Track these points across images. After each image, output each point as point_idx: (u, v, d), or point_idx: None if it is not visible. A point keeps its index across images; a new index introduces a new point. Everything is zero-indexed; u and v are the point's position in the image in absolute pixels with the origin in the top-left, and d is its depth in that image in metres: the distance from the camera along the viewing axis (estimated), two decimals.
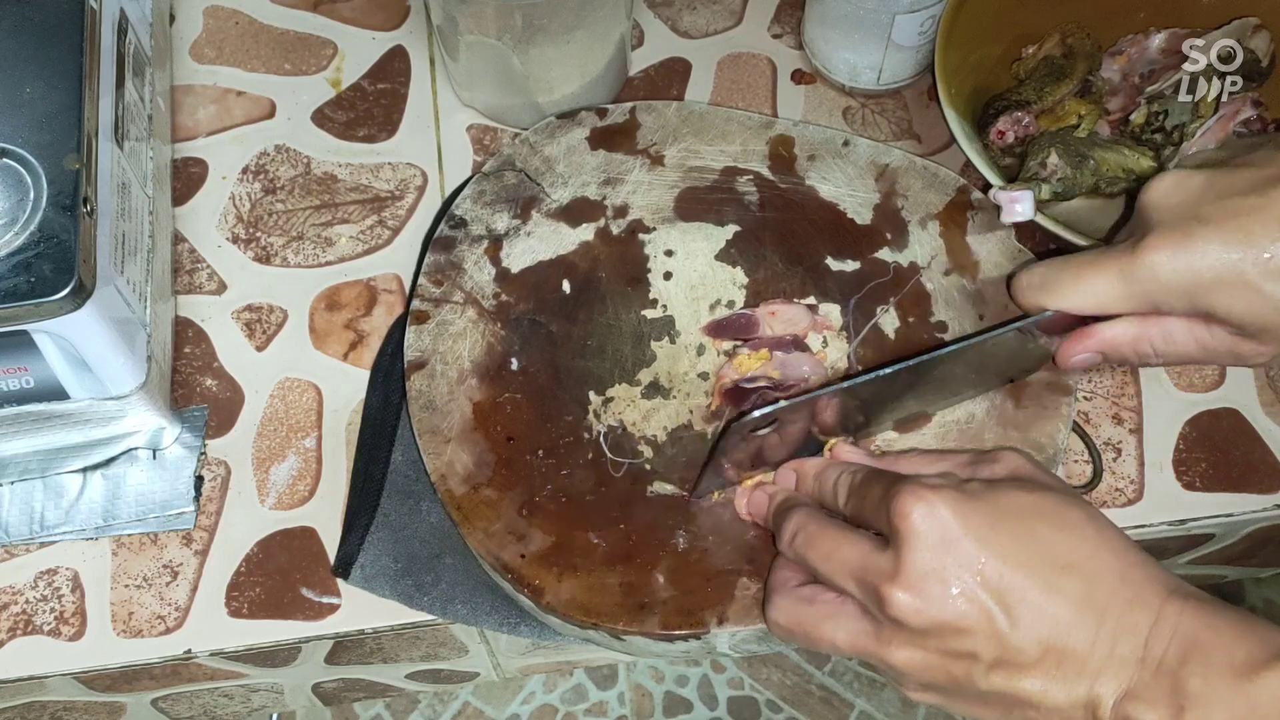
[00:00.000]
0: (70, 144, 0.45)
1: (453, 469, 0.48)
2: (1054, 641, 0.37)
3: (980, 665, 0.38)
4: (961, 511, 0.38)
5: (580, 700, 1.22)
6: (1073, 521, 0.39)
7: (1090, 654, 0.37)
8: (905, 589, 0.38)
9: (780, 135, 0.56)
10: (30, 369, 0.45)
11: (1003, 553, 0.38)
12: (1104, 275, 0.43)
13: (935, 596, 0.37)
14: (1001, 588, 0.37)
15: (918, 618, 0.38)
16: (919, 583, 0.37)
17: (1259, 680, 0.35)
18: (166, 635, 0.49)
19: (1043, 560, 0.38)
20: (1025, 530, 0.38)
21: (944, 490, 0.39)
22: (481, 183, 0.55)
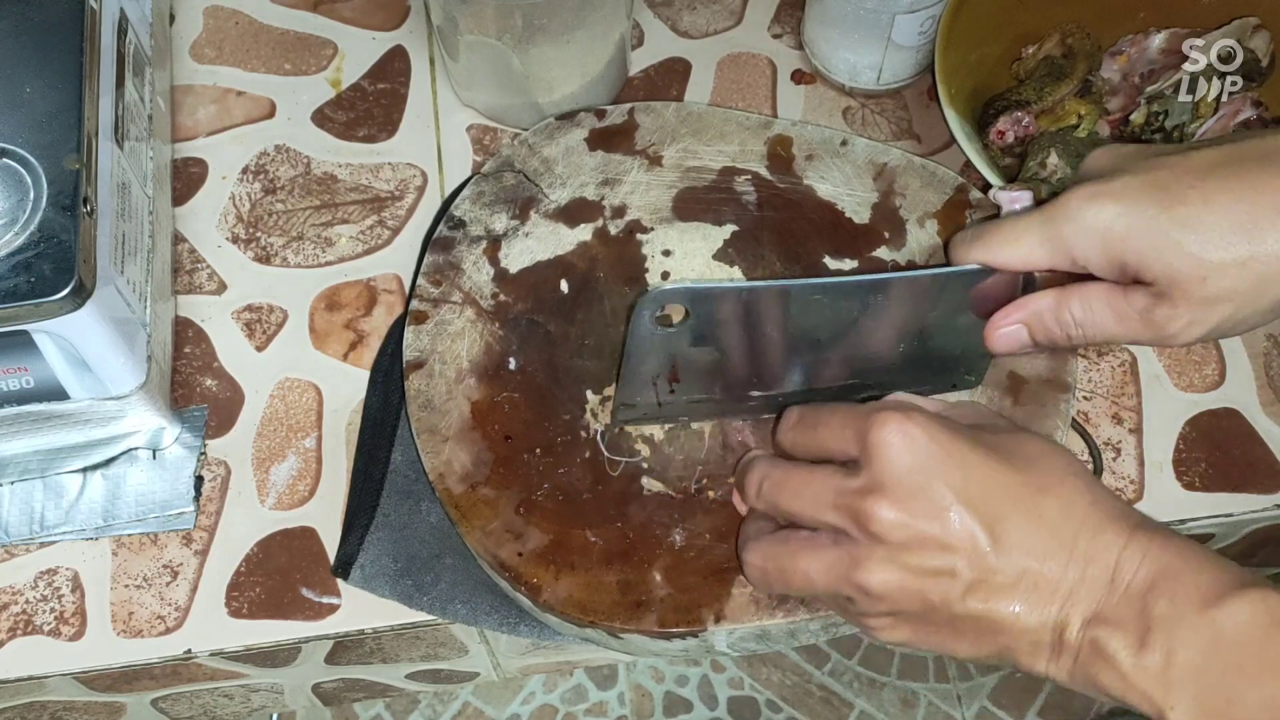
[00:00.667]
0: (70, 144, 0.45)
1: (451, 468, 0.49)
2: (1030, 564, 0.38)
3: (958, 585, 0.38)
4: (942, 433, 0.39)
5: (580, 700, 1.22)
6: (1043, 450, 0.40)
7: (1063, 576, 0.37)
8: (889, 501, 0.38)
9: (778, 135, 0.56)
10: (30, 369, 0.46)
11: (984, 474, 0.38)
12: (1026, 224, 0.44)
13: (920, 509, 0.38)
14: (985, 508, 0.38)
15: (901, 531, 0.38)
16: (903, 495, 0.38)
17: (1224, 606, 0.35)
18: (166, 635, 0.49)
19: (1021, 483, 0.38)
20: (1003, 454, 0.39)
21: (920, 413, 0.39)
22: (480, 183, 0.55)
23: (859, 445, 0.40)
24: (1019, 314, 0.45)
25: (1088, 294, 0.43)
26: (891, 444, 0.39)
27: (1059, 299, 0.44)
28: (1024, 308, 0.45)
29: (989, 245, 0.44)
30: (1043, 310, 0.44)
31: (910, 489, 0.38)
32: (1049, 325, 0.44)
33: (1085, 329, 0.44)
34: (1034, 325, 0.45)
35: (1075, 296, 0.43)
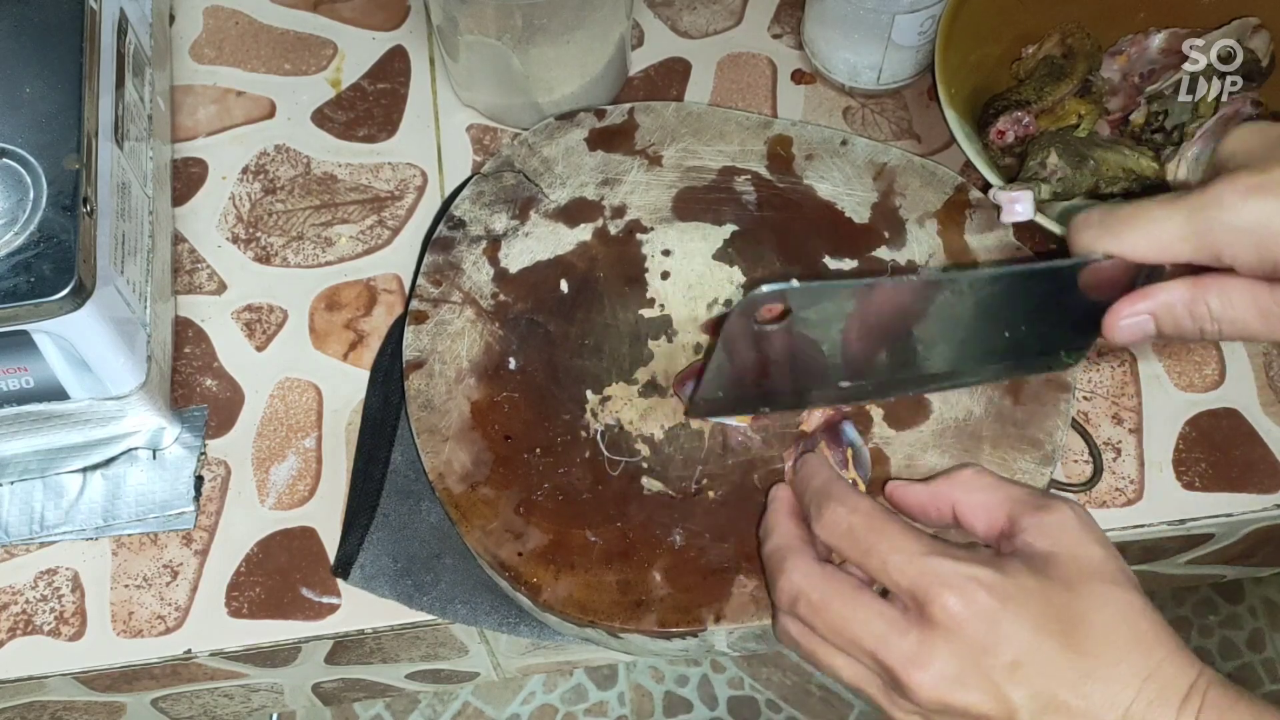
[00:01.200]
0: (70, 144, 0.45)
1: (450, 468, 0.49)
2: None
3: None
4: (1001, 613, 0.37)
5: (580, 700, 1.22)
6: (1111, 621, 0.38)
7: None
8: (932, 677, 0.37)
9: (778, 135, 0.56)
10: (30, 369, 0.46)
11: (1035, 652, 0.37)
12: (1166, 214, 0.38)
13: (962, 690, 0.37)
14: (1031, 691, 0.37)
15: (938, 705, 0.37)
16: (950, 674, 0.37)
17: None
18: (166, 635, 0.49)
19: (1072, 659, 0.37)
20: (1060, 633, 0.37)
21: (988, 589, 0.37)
22: (480, 183, 0.55)
23: (916, 604, 0.38)
24: (1147, 304, 0.40)
25: (1228, 287, 0.39)
26: (954, 620, 0.37)
27: (1195, 290, 0.39)
28: (1152, 297, 0.40)
29: (1120, 235, 0.39)
30: (1174, 302, 0.40)
31: (961, 667, 0.37)
32: (1180, 318, 0.40)
33: (1223, 325, 0.39)
34: (1163, 317, 0.40)
35: (1214, 289, 0.39)
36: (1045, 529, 0.40)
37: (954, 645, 0.37)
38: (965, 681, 0.37)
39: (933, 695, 0.37)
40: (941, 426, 0.50)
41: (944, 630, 0.37)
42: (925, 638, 0.37)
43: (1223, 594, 1.26)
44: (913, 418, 0.50)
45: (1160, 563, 0.60)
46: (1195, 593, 1.25)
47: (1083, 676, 0.37)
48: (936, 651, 0.37)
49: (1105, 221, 0.40)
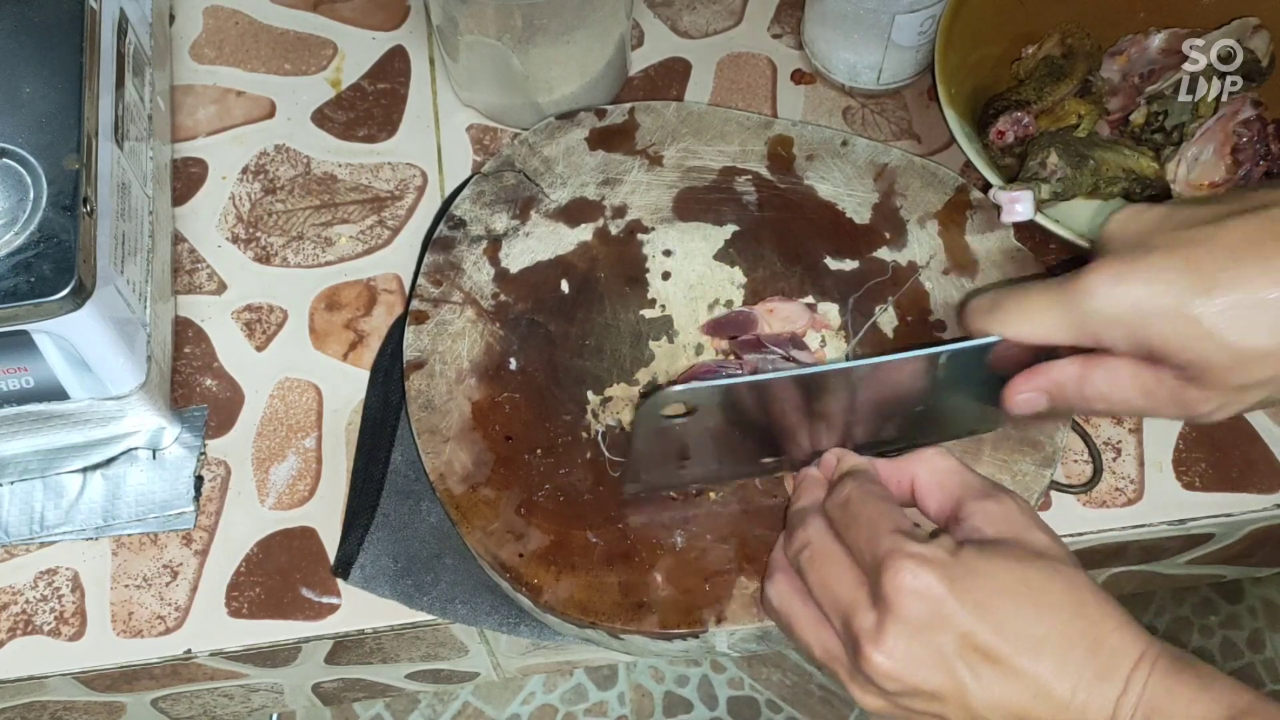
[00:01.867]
0: (70, 144, 0.45)
1: (451, 468, 0.48)
2: (1025, 711, 0.37)
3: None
4: (955, 587, 0.38)
5: (580, 700, 1.22)
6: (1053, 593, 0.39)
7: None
8: (884, 654, 0.38)
9: (779, 135, 0.56)
10: (30, 369, 0.45)
11: (988, 627, 0.38)
12: (1047, 302, 0.41)
13: (913, 667, 0.38)
14: (980, 661, 0.38)
15: (891, 682, 0.38)
16: (899, 653, 0.38)
17: None
18: (166, 635, 0.49)
19: (1023, 634, 0.38)
20: (1012, 605, 0.38)
21: (936, 566, 0.38)
22: (480, 183, 0.55)
23: (875, 578, 0.39)
24: (1039, 381, 0.43)
25: (1113, 368, 0.41)
26: (903, 597, 0.38)
27: (1082, 371, 0.41)
28: (1045, 375, 0.43)
29: (1006, 319, 0.42)
30: (1065, 381, 0.42)
31: (910, 646, 0.38)
32: (1069, 395, 0.42)
33: (1110, 403, 0.42)
34: (1055, 394, 0.43)
35: (1100, 369, 0.41)
36: (990, 516, 0.41)
37: (904, 625, 0.38)
38: (918, 661, 0.38)
39: (886, 674, 0.38)
40: None
41: (895, 609, 0.38)
42: (882, 618, 0.38)
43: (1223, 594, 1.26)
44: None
45: (1160, 563, 0.60)
46: (1195, 593, 1.25)
47: (1034, 644, 0.37)
48: (889, 631, 0.38)
49: (993, 308, 0.42)
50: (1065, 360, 0.42)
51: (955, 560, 0.39)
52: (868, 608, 0.39)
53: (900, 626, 0.38)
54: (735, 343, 0.51)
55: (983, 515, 0.41)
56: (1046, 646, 0.38)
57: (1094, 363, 0.41)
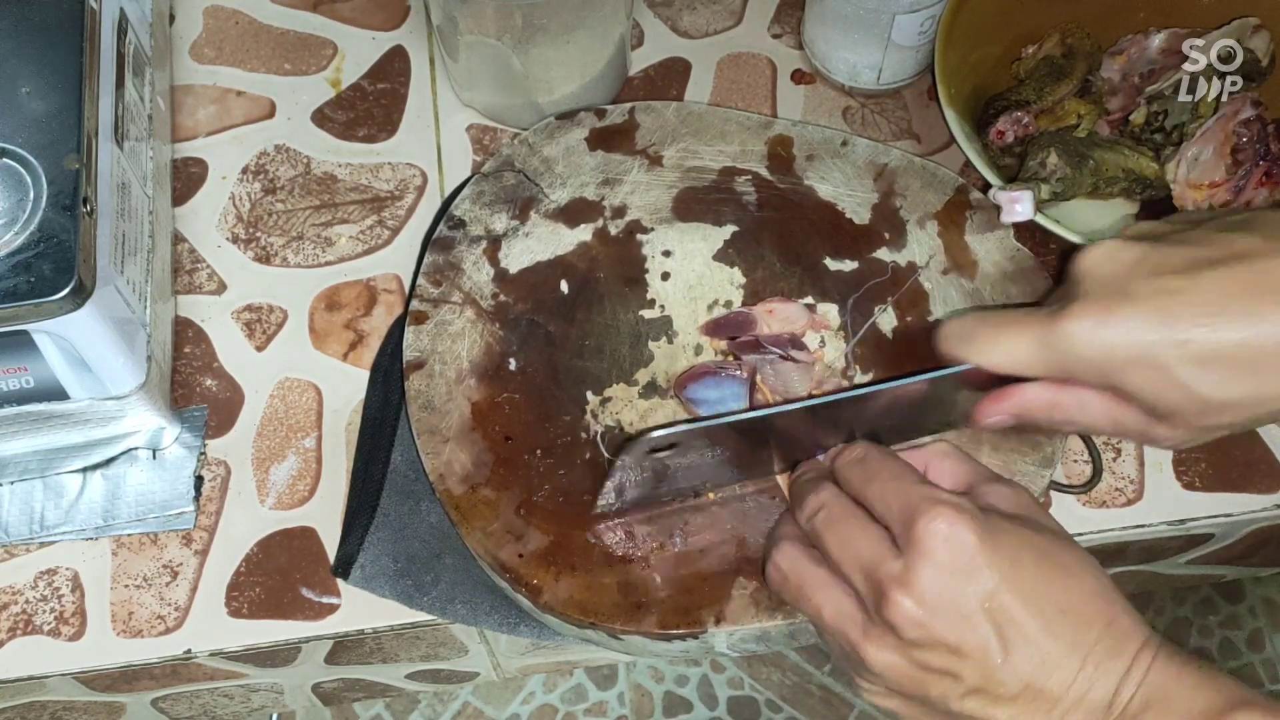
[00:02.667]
0: (70, 144, 0.45)
1: (451, 469, 0.48)
2: (1036, 679, 0.38)
3: (960, 687, 0.39)
4: (986, 542, 0.38)
5: (580, 700, 1.22)
6: (1074, 568, 0.40)
7: (1064, 695, 0.38)
8: (913, 598, 0.38)
9: (778, 135, 0.56)
10: (30, 369, 0.45)
11: (1016, 589, 0.38)
12: (1022, 337, 0.42)
13: (939, 615, 0.38)
14: (1006, 621, 0.38)
15: (916, 630, 0.38)
16: (930, 598, 0.38)
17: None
18: (166, 635, 0.49)
19: (1047, 601, 0.38)
20: (1038, 571, 0.39)
21: (970, 516, 0.39)
22: (480, 183, 0.55)
23: (904, 527, 0.39)
24: (1009, 405, 0.44)
25: (1084, 398, 0.42)
26: (936, 542, 0.38)
27: (1053, 398, 0.43)
28: (1015, 399, 0.43)
29: (981, 350, 0.43)
30: (1034, 406, 0.43)
31: (940, 592, 0.38)
32: (1039, 419, 0.44)
33: (1079, 426, 0.43)
34: (1024, 417, 0.44)
35: (1070, 397, 0.42)
36: (1004, 496, 0.42)
37: (939, 569, 0.38)
38: (946, 609, 0.38)
39: (912, 619, 0.38)
40: None
41: (927, 553, 0.38)
42: (912, 561, 0.38)
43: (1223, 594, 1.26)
44: None
45: (1160, 563, 0.60)
46: (1195, 593, 1.25)
47: (1056, 612, 0.38)
48: (921, 575, 0.38)
49: (969, 337, 0.43)
50: (1036, 385, 0.43)
51: (986, 516, 0.39)
52: (895, 556, 0.39)
53: (932, 571, 0.38)
54: (734, 344, 0.51)
55: (996, 495, 0.42)
56: (1066, 619, 0.38)
57: (1065, 390, 0.42)
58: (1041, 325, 0.41)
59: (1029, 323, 0.42)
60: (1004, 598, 0.38)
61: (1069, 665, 0.38)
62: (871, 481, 0.42)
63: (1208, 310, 0.39)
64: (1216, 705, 0.37)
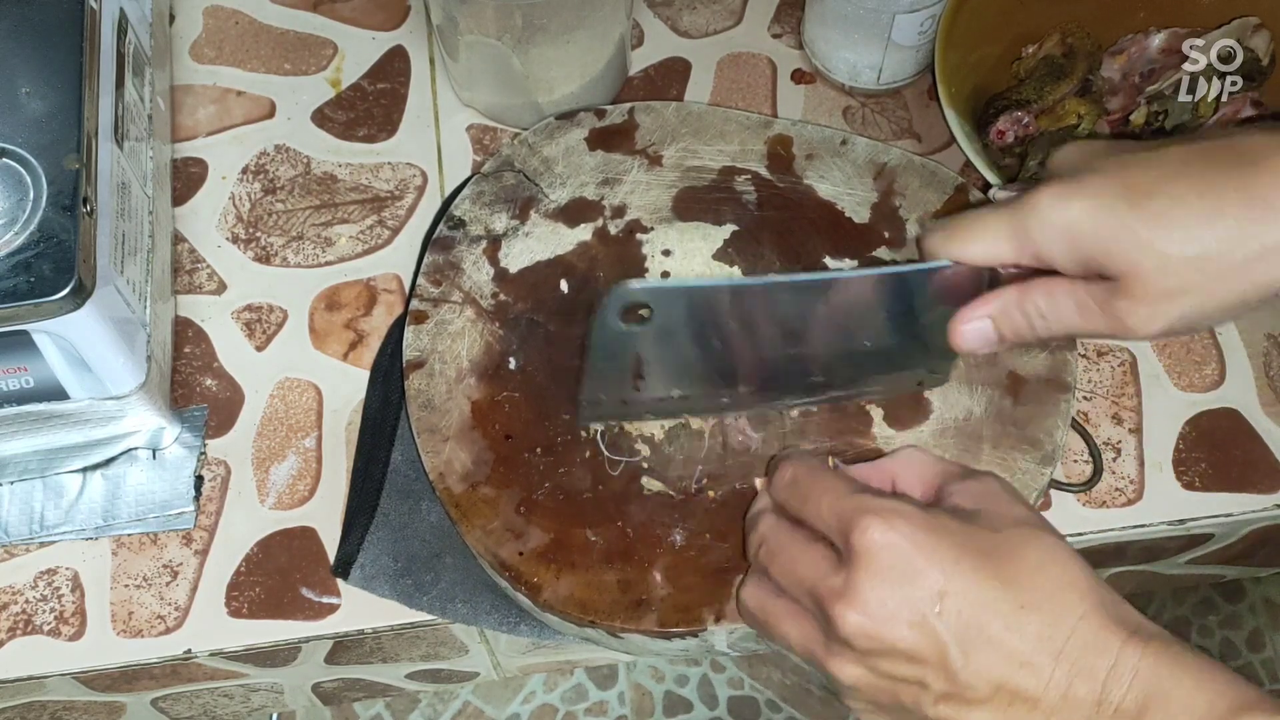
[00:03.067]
0: (70, 144, 0.45)
1: (451, 467, 0.49)
2: (1006, 680, 0.37)
3: (929, 694, 0.38)
4: (925, 542, 0.38)
5: (580, 700, 1.22)
6: (1038, 560, 0.38)
7: (1043, 695, 0.36)
8: (856, 610, 0.37)
9: (778, 135, 0.56)
10: (30, 369, 0.46)
11: (965, 587, 0.37)
12: (994, 219, 0.43)
13: (888, 622, 0.37)
14: (959, 623, 0.37)
15: (866, 641, 0.37)
16: (874, 607, 0.37)
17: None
18: (166, 635, 0.49)
19: (1003, 599, 0.37)
20: (989, 568, 0.38)
21: (905, 519, 0.38)
22: (480, 183, 0.55)
23: (842, 539, 0.39)
24: (985, 309, 0.44)
25: (1052, 286, 0.43)
26: (873, 550, 0.38)
27: (1023, 291, 0.43)
28: (989, 302, 0.44)
29: (956, 241, 0.44)
30: (1008, 304, 0.44)
31: (884, 600, 0.37)
32: (1014, 318, 0.44)
33: (1049, 320, 0.43)
34: (999, 319, 0.44)
35: (1039, 289, 0.43)
36: (970, 492, 0.42)
37: (878, 577, 0.37)
38: (892, 616, 0.37)
39: (860, 631, 0.37)
40: (941, 426, 0.50)
41: (867, 560, 0.38)
42: (852, 573, 0.38)
43: (1223, 594, 1.26)
44: (913, 418, 0.50)
45: (1160, 563, 0.60)
46: (1195, 593, 1.25)
47: (1015, 609, 0.37)
48: (861, 585, 0.37)
49: (945, 229, 0.44)
50: (1009, 286, 0.44)
51: (928, 515, 0.39)
52: (835, 571, 0.39)
53: (871, 579, 0.37)
54: None
55: (962, 493, 0.42)
56: (1028, 614, 0.37)
57: (1033, 283, 0.43)
58: (1013, 207, 0.42)
59: (1002, 209, 0.43)
60: (952, 598, 0.37)
61: (1041, 663, 0.36)
62: (806, 502, 0.41)
63: (1165, 174, 0.40)
64: (1222, 707, 0.35)
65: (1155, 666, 0.36)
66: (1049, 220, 0.41)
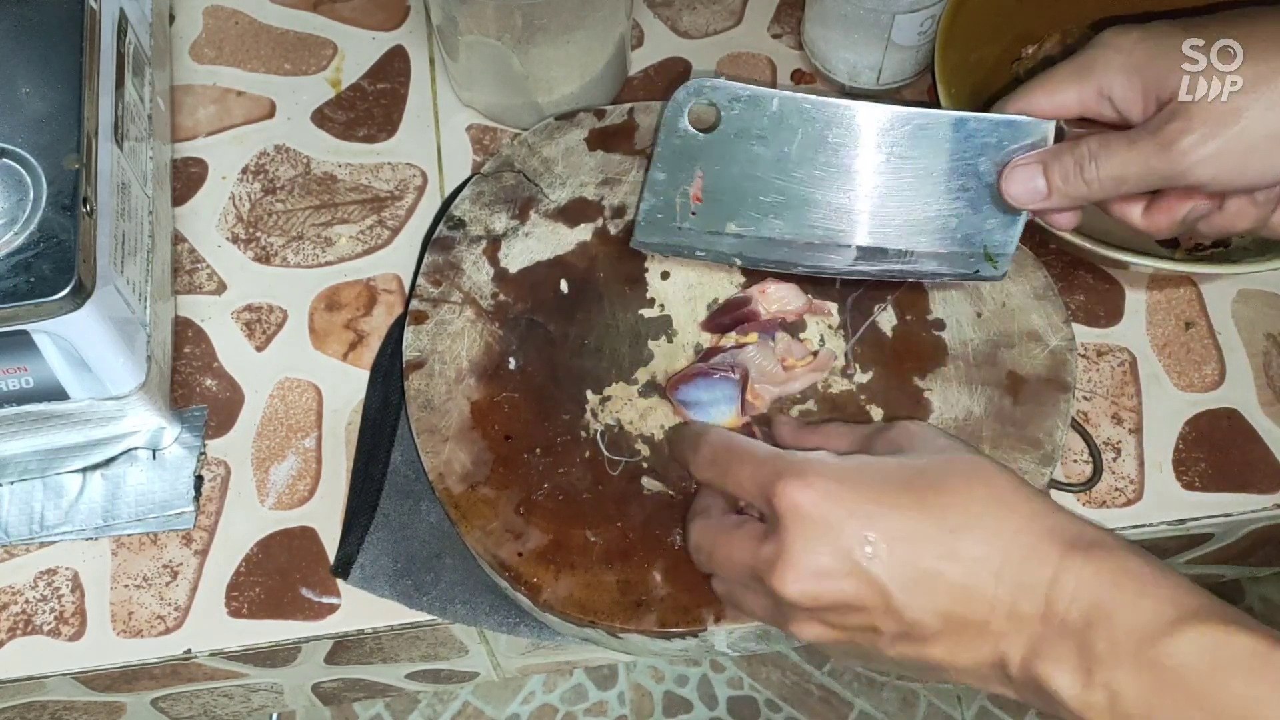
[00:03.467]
0: (70, 144, 0.45)
1: (450, 468, 0.49)
2: (952, 609, 0.36)
3: (883, 637, 0.38)
4: (844, 491, 0.38)
5: (580, 700, 1.22)
6: (964, 480, 0.38)
7: (990, 616, 0.36)
8: (792, 574, 0.37)
9: None
10: (30, 369, 0.46)
11: (888, 525, 0.37)
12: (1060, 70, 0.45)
13: (825, 578, 0.37)
14: (892, 562, 0.37)
15: (810, 600, 0.37)
16: (806, 565, 0.37)
17: (1163, 645, 0.34)
18: (166, 635, 0.49)
19: (932, 528, 0.37)
20: (912, 500, 0.37)
21: (825, 468, 0.38)
22: (480, 183, 0.55)
23: (766, 506, 0.39)
24: (1036, 154, 0.46)
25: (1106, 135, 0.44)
26: (793, 509, 0.37)
27: (1075, 139, 0.45)
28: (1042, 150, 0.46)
29: (1024, 94, 0.46)
30: (1060, 149, 0.45)
31: (814, 555, 0.37)
32: (1064, 162, 0.45)
33: (1099, 162, 0.44)
34: (1050, 163, 0.45)
35: (1094, 136, 0.44)
36: (888, 440, 0.42)
37: (804, 535, 0.37)
38: (827, 571, 0.37)
39: (801, 593, 0.37)
40: (941, 425, 0.50)
41: (791, 521, 0.38)
42: (780, 539, 0.38)
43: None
44: (912, 417, 0.50)
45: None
46: None
47: (945, 534, 0.37)
48: (791, 548, 0.37)
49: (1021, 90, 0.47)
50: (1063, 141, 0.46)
51: (844, 462, 0.39)
52: (765, 542, 0.39)
53: (799, 539, 0.37)
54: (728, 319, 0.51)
55: (883, 439, 0.42)
56: (960, 538, 0.37)
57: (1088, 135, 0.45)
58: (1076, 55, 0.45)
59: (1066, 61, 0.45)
60: (881, 539, 0.37)
61: (982, 585, 0.36)
62: (727, 475, 0.41)
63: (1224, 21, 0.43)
64: (1165, 617, 0.34)
65: (1097, 576, 0.35)
66: (1108, 53, 0.43)
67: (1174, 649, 0.34)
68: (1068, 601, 0.35)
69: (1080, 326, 0.55)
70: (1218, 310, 0.56)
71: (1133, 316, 0.56)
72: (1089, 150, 0.44)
